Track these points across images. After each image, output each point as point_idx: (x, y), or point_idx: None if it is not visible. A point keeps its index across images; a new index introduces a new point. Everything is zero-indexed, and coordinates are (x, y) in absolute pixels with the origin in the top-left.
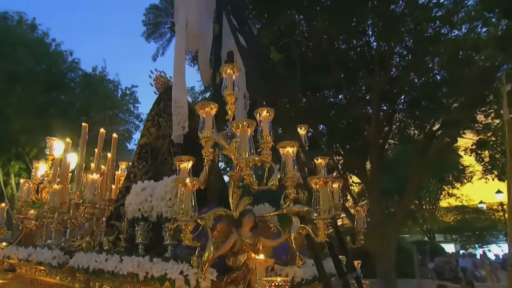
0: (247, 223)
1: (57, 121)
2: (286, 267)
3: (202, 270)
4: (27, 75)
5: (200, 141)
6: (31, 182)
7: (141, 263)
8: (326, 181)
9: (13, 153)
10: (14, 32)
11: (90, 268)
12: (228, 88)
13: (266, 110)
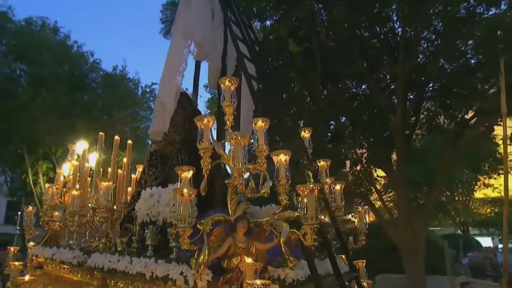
0: (241, 229)
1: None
2: (278, 268)
3: (198, 271)
4: (51, 77)
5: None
6: (55, 186)
7: (148, 264)
8: (312, 189)
9: (40, 153)
10: (38, 37)
11: (105, 268)
12: (227, 100)
13: (261, 120)
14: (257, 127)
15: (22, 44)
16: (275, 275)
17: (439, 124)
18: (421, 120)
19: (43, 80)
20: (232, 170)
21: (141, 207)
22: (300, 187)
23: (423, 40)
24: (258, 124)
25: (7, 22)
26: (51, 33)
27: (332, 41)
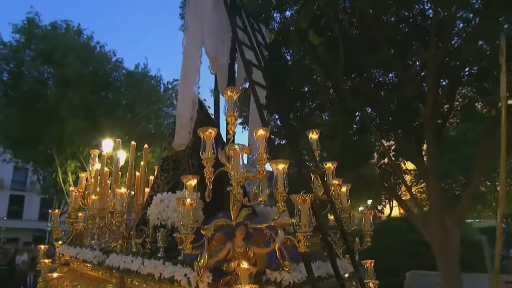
0: (239, 234)
1: (106, 120)
2: (275, 271)
3: (198, 274)
4: (76, 79)
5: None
6: (77, 190)
7: (157, 265)
8: (305, 198)
9: (69, 152)
10: (63, 40)
11: (121, 268)
12: (229, 110)
13: (262, 129)
14: (257, 136)
15: (48, 47)
16: (271, 277)
17: (476, 110)
18: (455, 107)
19: (69, 82)
20: (231, 179)
21: (152, 212)
22: (294, 197)
23: (459, 20)
24: (258, 133)
25: (35, 27)
26: (75, 35)
27: (355, 29)
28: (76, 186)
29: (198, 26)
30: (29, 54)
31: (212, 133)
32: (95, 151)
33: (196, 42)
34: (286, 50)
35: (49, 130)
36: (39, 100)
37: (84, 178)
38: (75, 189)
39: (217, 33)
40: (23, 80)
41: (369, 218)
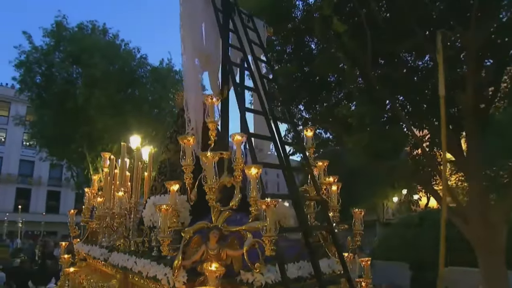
0: (213, 237)
1: (133, 117)
2: (248, 272)
3: (173, 274)
4: (103, 78)
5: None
6: (90, 191)
7: (145, 264)
8: (269, 204)
9: (99, 150)
10: (89, 40)
11: (119, 265)
12: (211, 116)
13: (240, 135)
14: (234, 140)
15: (76, 49)
16: (244, 278)
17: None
18: (501, 90)
19: (96, 81)
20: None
21: (146, 213)
22: (261, 202)
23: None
24: (235, 138)
25: (63, 30)
26: (100, 35)
27: (384, 12)
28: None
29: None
30: (59, 56)
31: (191, 140)
32: (106, 153)
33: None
34: (311, 39)
35: (80, 129)
36: (69, 100)
37: (97, 179)
38: (88, 190)
39: (209, 34)
40: (54, 81)
41: (359, 217)
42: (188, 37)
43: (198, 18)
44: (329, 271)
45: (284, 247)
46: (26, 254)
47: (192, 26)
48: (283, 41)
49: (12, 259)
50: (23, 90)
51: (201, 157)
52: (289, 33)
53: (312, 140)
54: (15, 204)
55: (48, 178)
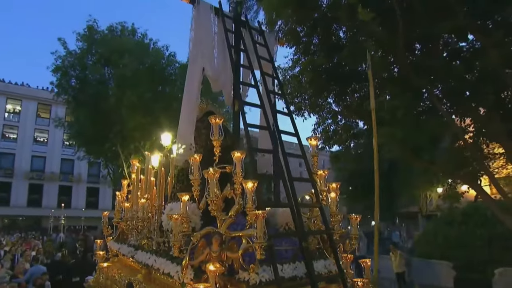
0: (215, 242)
1: (164, 114)
2: (245, 272)
3: (182, 271)
4: (133, 77)
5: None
6: (120, 194)
7: (162, 262)
8: (257, 215)
9: (132, 148)
10: (119, 41)
11: (143, 262)
12: (215, 135)
13: (240, 152)
14: (235, 158)
15: (106, 50)
16: (241, 277)
17: None
18: None
19: (127, 81)
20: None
21: (164, 218)
22: (251, 213)
23: None
24: (235, 155)
25: (94, 33)
26: (130, 35)
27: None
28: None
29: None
30: (91, 59)
31: (197, 158)
32: (135, 160)
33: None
34: (339, 28)
35: (113, 128)
36: (103, 100)
37: (126, 184)
38: (119, 193)
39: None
40: (88, 83)
41: (356, 223)
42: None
43: (209, 43)
44: (325, 271)
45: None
46: (68, 248)
47: (203, 51)
48: (310, 32)
49: (55, 253)
50: (60, 93)
51: (204, 173)
52: (316, 22)
53: (316, 148)
54: (58, 200)
55: (87, 175)
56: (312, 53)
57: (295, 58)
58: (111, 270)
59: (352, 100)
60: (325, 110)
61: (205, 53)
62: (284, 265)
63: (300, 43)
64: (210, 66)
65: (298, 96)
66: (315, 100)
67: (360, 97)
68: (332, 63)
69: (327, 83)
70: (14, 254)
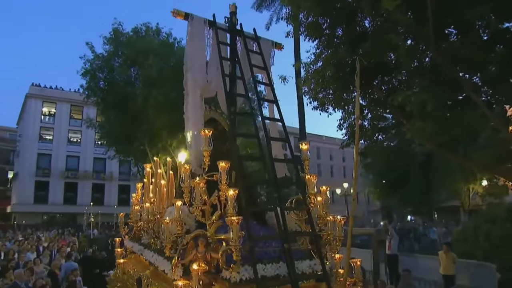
0: (201, 243)
1: None
2: (227, 271)
3: (172, 269)
4: (158, 77)
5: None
6: (135, 197)
7: (159, 260)
8: (233, 221)
9: (159, 147)
10: (143, 42)
11: (148, 259)
12: (205, 145)
13: (224, 162)
14: (219, 167)
15: (132, 52)
16: (224, 275)
17: None
18: None
19: (153, 81)
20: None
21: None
22: (227, 219)
23: None
24: (220, 165)
25: (120, 36)
26: (154, 35)
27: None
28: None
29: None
30: (118, 61)
31: (187, 167)
32: (148, 165)
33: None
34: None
35: (141, 128)
36: (130, 101)
37: (140, 187)
38: (134, 195)
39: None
40: (115, 85)
41: (340, 225)
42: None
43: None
44: (309, 271)
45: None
46: (100, 244)
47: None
48: (333, 23)
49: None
50: (89, 95)
51: (192, 183)
52: (339, 13)
53: (307, 153)
54: (92, 198)
55: (119, 173)
56: (335, 46)
57: (317, 52)
58: (127, 266)
59: (379, 93)
60: (351, 105)
61: (196, 65)
62: (267, 265)
63: (322, 36)
64: (201, 77)
65: (322, 91)
66: (339, 95)
67: (388, 89)
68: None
69: (352, 77)
70: (51, 250)
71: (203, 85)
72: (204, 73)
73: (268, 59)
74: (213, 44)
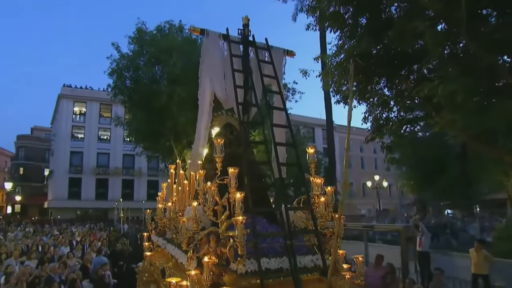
0: (212, 239)
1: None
2: (234, 263)
3: (187, 261)
4: (182, 74)
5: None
6: (160, 195)
7: (178, 253)
8: (237, 220)
9: (185, 142)
10: (166, 40)
11: (170, 252)
12: (217, 152)
13: (233, 168)
14: (230, 173)
15: (156, 50)
16: (232, 267)
17: None
18: None
19: (176, 78)
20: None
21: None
22: (233, 219)
23: None
24: (230, 170)
25: (144, 34)
26: (177, 32)
27: None
28: None
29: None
30: (143, 60)
31: (201, 173)
32: (172, 166)
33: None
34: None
35: (166, 124)
36: (155, 98)
37: (165, 186)
38: (160, 193)
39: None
40: (141, 83)
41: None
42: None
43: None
44: (311, 265)
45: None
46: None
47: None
48: (356, 13)
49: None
50: (116, 94)
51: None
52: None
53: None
54: (122, 193)
55: (147, 169)
56: (358, 36)
57: (339, 44)
58: (154, 259)
59: (406, 84)
60: (376, 97)
61: (214, 78)
62: (271, 259)
63: (345, 26)
64: (220, 89)
65: (345, 84)
66: (364, 87)
67: (416, 79)
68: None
69: (376, 68)
70: (83, 244)
71: (223, 97)
72: (223, 85)
73: (280, 67)
74: (227, 56)
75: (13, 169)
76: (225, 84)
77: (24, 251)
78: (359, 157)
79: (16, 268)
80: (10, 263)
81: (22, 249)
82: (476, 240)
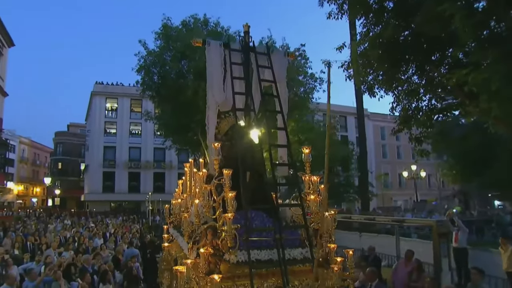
0: (209, 233)
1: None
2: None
3: (188, 251)
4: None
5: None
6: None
7: (183, 244)
8: (226, 218)
9: None
10: (192, 34)
11: (180, 244)
12: (215, 155)
13: (227, 170)
14: (224, 174)
15: (181, 45)
16: (226, 257)
17: None
18: None
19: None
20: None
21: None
22: (224, 216)
23: None
24: (224, 172)
25: (169, 30)
26: (202, 26)
27: None
28: None
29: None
30: (169, 55)
31: (201, 174)
32: (187, 164)
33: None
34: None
35: (193, 119)
36: (182, 93)
37: (181, 183)
38: (177, 190)
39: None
40: (168, 78)
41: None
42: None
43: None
44: (300, 257)
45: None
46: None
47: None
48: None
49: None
50: (145, 90)
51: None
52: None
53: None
54: (153, 186)
55: (178, 162)
56: (385, 22)
57: (363, 32)
58: (171, 249)
59: (437, 71)
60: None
61: (215, 84)
62: (262, 251)
63: (370, 12)
64: (219, 92)
65: (371, 73)
66: (391, 75)
67: (450, 64)
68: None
69: (404, 55)
70: (116, 236)
71: (221, 100)
72: (222, 90)
73: (281, 69)
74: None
75: (52, 164)
76: (225, 87)
77: (62, 242)
78: (394, 146)
79: (54, 258)
80: (49, 254)
81: (60, 240)
82: (501, 236)
